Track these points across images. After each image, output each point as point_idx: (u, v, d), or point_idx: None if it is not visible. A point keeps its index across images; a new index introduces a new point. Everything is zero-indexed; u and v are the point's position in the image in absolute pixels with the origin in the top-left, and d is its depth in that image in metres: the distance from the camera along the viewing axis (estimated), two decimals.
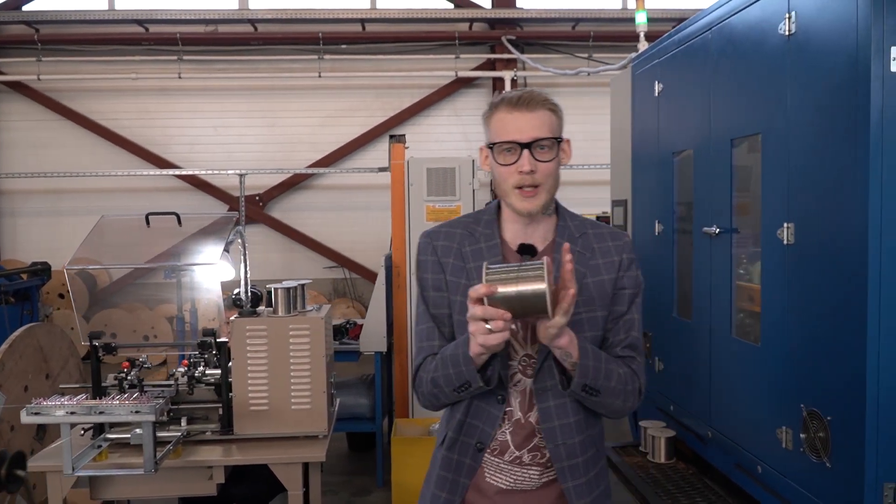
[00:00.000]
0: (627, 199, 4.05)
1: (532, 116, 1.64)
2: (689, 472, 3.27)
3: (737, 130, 2.74)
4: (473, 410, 1.72)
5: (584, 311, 1.70)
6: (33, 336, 4.18)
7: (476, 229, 1.78)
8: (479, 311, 1.46)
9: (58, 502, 2.82)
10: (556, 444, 1.69)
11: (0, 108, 10.08)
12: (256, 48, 9.98)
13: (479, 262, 1.70)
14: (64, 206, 9.99)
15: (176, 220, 3.10)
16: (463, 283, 1.72)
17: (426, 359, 1.76)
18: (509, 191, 1.67)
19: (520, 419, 1.71)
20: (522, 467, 1.73)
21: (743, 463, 2.76)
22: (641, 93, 3.75)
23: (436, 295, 1.77)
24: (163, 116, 10.16)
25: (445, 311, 1.76)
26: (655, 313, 3.66)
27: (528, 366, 1.71)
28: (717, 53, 2.86)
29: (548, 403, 1.69)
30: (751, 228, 2.78)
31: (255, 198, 10.07)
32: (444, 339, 1.76)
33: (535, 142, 1.63)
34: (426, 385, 1.72)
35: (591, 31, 9.76)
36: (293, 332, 2.96)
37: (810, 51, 2.22)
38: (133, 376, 2.91)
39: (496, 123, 1.68)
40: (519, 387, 1.72)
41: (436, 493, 1.77)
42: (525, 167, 1.63)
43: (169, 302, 4.78)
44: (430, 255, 1.78)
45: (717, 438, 2.97)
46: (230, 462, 2.88)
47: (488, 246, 1.74)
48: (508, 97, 1.67)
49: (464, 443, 1.74)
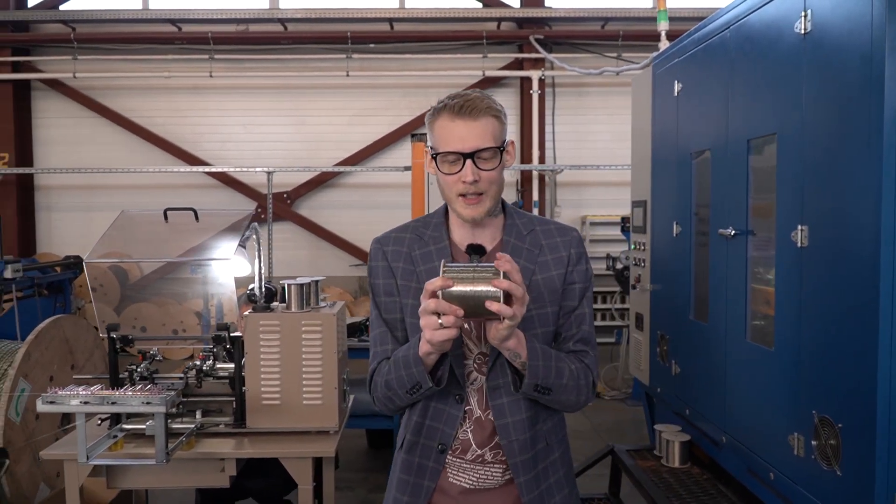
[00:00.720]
0: (647, 200, 4.01)
1: (475, 125, 1.63)
2: (703, 477, 3.23)
3: (753, 130, 2.69)
4: (432, 412, 1.73)
5: (535, 308, 1.70)
6: (59, 328, 4.27)
7: (425, 233, 1.80)
8: (432, 303, 1.47)
9: (74, 489, 2.87)
10: (509, 441, 1.70)
11: (37, 105, 10.32)
12: (286, 47, 10.07)
13: (429, 265, 1.74)
14: (98, 201, 10.18)
15: (193, 216, 3.14)
16: (413, 287, 1.74)
17: (380, 363, 1.77)
18: (453, 198, 1.69)
19: (480, 417, 1.72)
20: (485, 465, 1.73)
21: (756, 469, 2.72)
22: (661, 92, 3.71)
23: (387, 300, 1.79)
24: (194, 114, 10.31)
25: (397, 316, 1.78)
26: (672, 316, 3.62)
27: (483, 363, 1.72)
28: (735, 52, 2.82)
29: (501, 400, 1.70)
30: (768, 231, 2.73)
31: (284, 195, 10.16)
32: (396, 343, 1.78)
33: (477, 152, 1.63)
34: (380, 389, 1.73)
35: (620, 31, 9.67)
36: (305, 327, 2.98)
37: (825, 49, 2.18)
38: (143, 368, 2.95)
39: (439, 130, 1.67)
40: (476, 385, 1.72)
41: (397, 496, 1.77)
42: (468, 177, 1.63)
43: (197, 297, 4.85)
44: (380, 261, 1.80)
45: (731, 443, 2.93)
46: (241, 455, 2.91)
47: (437, 248, 1.76)
48: (451, 104, 1.65)
49: (424, 445, 1.75)
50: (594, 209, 10.13)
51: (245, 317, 2.99)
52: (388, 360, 1.74)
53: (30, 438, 3.91)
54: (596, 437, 6.03)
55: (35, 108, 10.33)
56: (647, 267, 4.05)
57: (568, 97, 10.17)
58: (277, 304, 3.13)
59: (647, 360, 4.01)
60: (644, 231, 4.08)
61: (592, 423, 6.45)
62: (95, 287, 3.57)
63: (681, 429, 3.47)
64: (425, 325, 1.50)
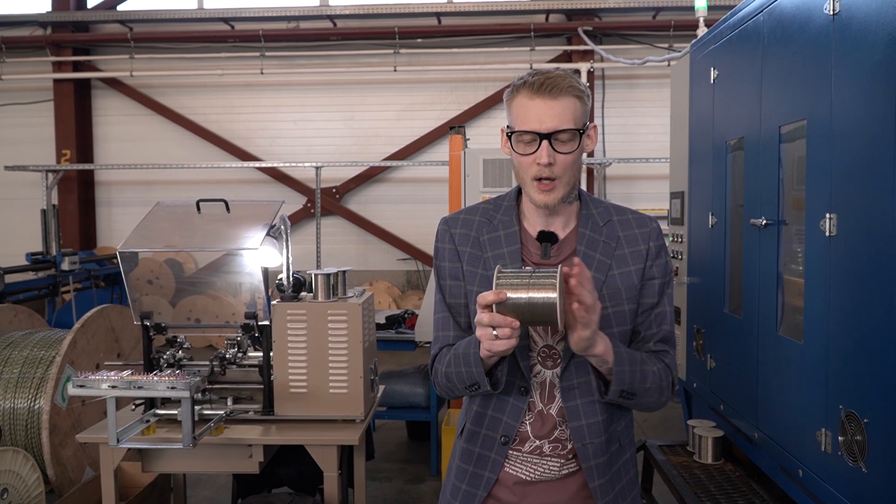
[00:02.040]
0: (684, 191, 3.92)
1: (554, 104, 1.53)
2: (736, 474, 3.14)
3: (784, 117, 2.60)
4: (495, 403, 1.67)
5: (611, 306, 1.63)
6: (105, 317, 4.43)
7: (495, 216, 1.72)
8: (485, 318, 1.40)
9: (109, 471, 2.97)
10: (583, 444, 1.64)
11: (97, 103, 10.70)
12: (335, 43, 10.20)
13: (497, 251, 1.67)
14: (155, 196, 10.48)
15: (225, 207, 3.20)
16: (479, 273, 1.68)
17: (442, 350, 1.72)
18: (527, 181, 1.60)
19: (542, 410, 1.66)
20: (542, 458, 1.67)
21: (786, 466, 2.63)
22: (698, 80, 3.62)
23: (452, 284, 1.73)
24: (247, 111, 10.54)
25: (461, 301, 1.72)
26: (707, 309, 3.54)
27: (547, 357, 1.65)
28: (768, 36, 2.72)
29: (574, 402, 1.63)
30: (801, 221, 2.63)
31: (332, 190, 10.30)
32: (459, 329, 1.73)
33: (555, 133, 1.54)
34: (441, 378, 1.68)
35: (672, 21, 9.46)
36: (332, 317, 3.01)
37: (853, 30, 2.08)
38: (170, 355, 3.03)
39: (517, 109, 1.58)
40: (539, 378, 1.66)
41: (456, 484, 1.73)
42: (543, 159, 1.54)
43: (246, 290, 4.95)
44: (447, 243, 1.74)
45: (763, 440, 2.84)
46: (268, 441, 2.96)
47: (507, 234, 1.68)
48: (531, 81, 1.56)
49: (486, 436, 1.69)
50: (644, 203, 9.94)
51: (273, 306, 3.04)
52: (449, 347, 1.69)
53: (76, 423, 4.07)
54: (640, 434, 5.93)
55: (95, 106, 10.72)
56: (684, 259, 3.96)
57: (618, 90, 10.02)
58: (305, 293, 3.17)
59: (683, 355, 3.93)
60: (681, 223, 4.00)
61: (638, 420, 6.35)
62: (152, 279, 3.68)
63: (715, 424, 3.38)
64: (481, 337, 1.44)
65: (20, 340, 4.45)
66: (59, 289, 7.43)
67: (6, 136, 10.69)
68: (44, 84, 10.49)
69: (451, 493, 1.75)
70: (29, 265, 7.51)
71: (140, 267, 3.19)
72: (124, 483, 3.78)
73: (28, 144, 10.64)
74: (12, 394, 4.16)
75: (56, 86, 10.41)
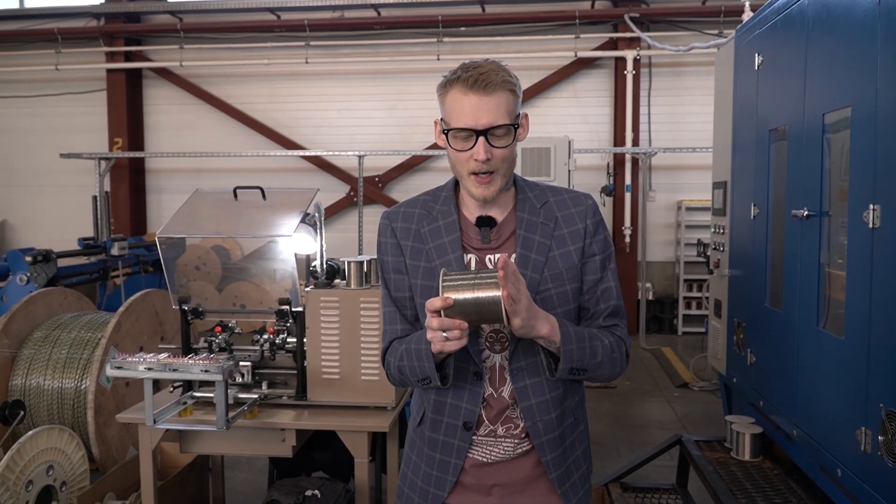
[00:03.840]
0: (727, 181, 3.83)
1: (489, 100, 1.55)
2: (774, 472, 3.06)
3: (828, 104, 2.51)
4: (453, 391, 1.70)
5: (553, 287, 1.66)
6: (149, 301, 4.53)
7: (434, 207, 1.75)
8: (435, 322, 1.45)
9: (147, 450, 3.04)
10: (533, 422, 1.68)
11: (148, 92, 10.93)
12: (379, 32, 10.21)
13: (438, 241, 1.71)
14: (203, 184, 10.64)
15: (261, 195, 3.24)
16: (422, 266, 1.71)
17: (392, 343, 1.77)
18: (465, 175, 1.63)
19: (492, 394, 1.70)
20: (497, 440, 1.71)
21: (825, 465, 2.56)
22: (743, 67, 3.52)
23: (396, 278, 1.76)
24: (292, 100, 10.64)
25: (406, 294, 1.75)
26: (748, 302, 3.45)
27: (495, 341, 1.69)
28: (812, 21, 2.63)
29: (524, 382, 1.67)
30: (844, 213, 2.55)
31: (375, 179, 10.34)
32: (406, 322, 1.77)
33: (490, 129, 1.57)
34: (394, 370, 1.74)
35: (722, 6, 9.21)
36: (364, 304, 3.02)
37: None
38: (221, 340, 3.09)
39: (451, 104, 1.59)
40: (488, 363, 1.69)
41: (427, 471, 1.77)
42: (480, 156, 1.57)
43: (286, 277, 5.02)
44: (389, 238, 1.77)
45: (802, 438, 2.77)
46: (300, 426, 3.00)
47: (446, 223, 1.72)
48: (465, 76, 1.56)
49: (448, 424, 1.72)
50: (691, 194, 9.76)
51: (306, 293, 3.07)
52: (399, 341, 1.74)
53: (120, 404, 4.18)
54: (680, 429, 5.83)
55: (146, 96, 10.95)
56: (726, 251, 3.87)
57: (664, 77, 9.82)
58: (339, 280, 3.20)
59: (724, 349, 3.85)
60: (724, 213, 3.91)
61: (678, 415, 6.25)
62: (199, 266, 3.75)
63: (754, 421, 3.31)
64: (432, 339, 1.49)
65: (69, 322, 4.58)
66: (109, 273, 7.63)
67: (61, 125, 11.00)
68: (97, 74, 10.75)
69: (424, 479, 1.77)
70: (80, 250, 7.74)
71: (188, 253, 3.27)
72: (164, 463, 3.87)
73: (82, 133, 10.93)
74: (60, 374, 4.29)
75: (109, 75, 10.66)
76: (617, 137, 9.82)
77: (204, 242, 3.98)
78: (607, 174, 9.79)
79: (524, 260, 1.66)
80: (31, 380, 4.31)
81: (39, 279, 6.39)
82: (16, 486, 3.21)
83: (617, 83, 9.84)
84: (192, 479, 3.71)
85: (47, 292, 4.80)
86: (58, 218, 11.00)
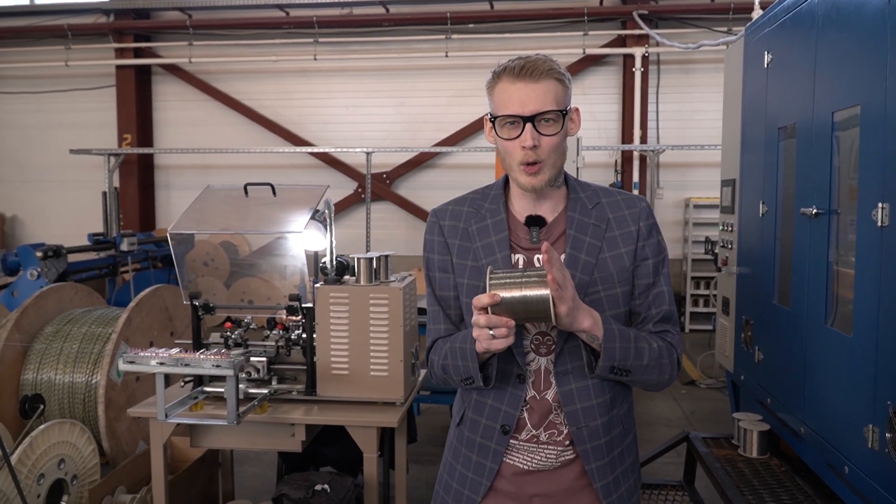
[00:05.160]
0: (735, 179, 3.83)
1: (536, 87, 1.54)
2: (781, 469, 3.07)
3: (838, 102, 2.52)
4: (495, 392, 1.66)
5: (603, 290, 1.62)
6: (159, 296, 4.56)
7: (482, 205, 1.73)
8: (482, 320, 1.44)
9: (158, 445, 3.07)
10: (578, 427, 1.63)
11: (157, 89, 10.98)
12: (387, 29, 10.23)
13: (486, 240, 1.67)
14: (211, 180, 10.69)
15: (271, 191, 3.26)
16: (469, 265, 1.69)
17: (436, 342, 1.75)
18: (514, 166, 1.61)
19: (535, 397, 1.66)
20: (539, 446, 1.66)
21: (832, 462, 2.57)
22: (752, 64, 3.52)
23: (441, 276, 1.74)
24: (300, 97, 10.67)
25: (451, 293, 1.74)
26: (756, 300, 3.46)
27: (541, 344, 1.65)
28: (823, 19, 2.63)
29: (569, 386, 1.63)
30: (853, 211, 2.55)
31: (383, 175, 10.36)
32: (450, 322, 1.75)
33: (538, 115, 1.54)
34: (438, 369, 1.71)
35: (731, 3, 9.19)
36: (373, 300, 3.04)
37: None
38: (237, 335, 3.11)
39: (499, 95, 1.58)
40: (533, 366, 1.65)
41: (462, 472, 1.73)
42: (528, 142, 1.55)
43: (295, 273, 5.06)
44: (436, 236, 1.75)
45: (809, 435, 2.78)
46: (310, 421, 3.02)
47: (494, 222, 1.69)
48: (511, 66, 1.57)
49: (486, 426, 1.68)
50: (699, 191, 9.74)
51: (316, 289, 3.09)
52: (444, 340, 1.72)
53: (130, 398, 4.21)
54: (688, 426, 5.84)
55: (155, 92, 11.00)
56: (734, 248, 3.87)
57: (673, 75, 9.81)
58: (348, 277, 3.21)
59: (731, 347, 3.85)
60: (732, 211, 3.91)
61: (685, 412, 6.26)
62: (207, 261, 3.77)
63: (761, 418, 3.32)
64: (478, 337, 1.47)
65: (80, 317, 4.62)
66: (119, 269, 7.68)
67: (71, 121, 11.06)
68: (106, 70, 10.80)
69: (459, 481, 1.74)
70: (90, 245, 7.79)
71: (196, 249, 3.30)
72: (175, 457, 3.90)
73: (91, 129, 10.99)
74: (71, 368, 4.33)
75: (118, 72, 10.71)
76: (625, 135, 9.82)
77: (213, 238, 3.99)
78: (615, 171, 9.79)
79: (573, 261, 1.62)
80: (42, 374, 4.34)
81: (50, 274, 6.44)
82: (28, 479, 3.25)
83: (625, 80, 9.83)
84: (203, 474, 3.74)
85: (58, 287, 4.84)
86: (67, 214, 11.07)
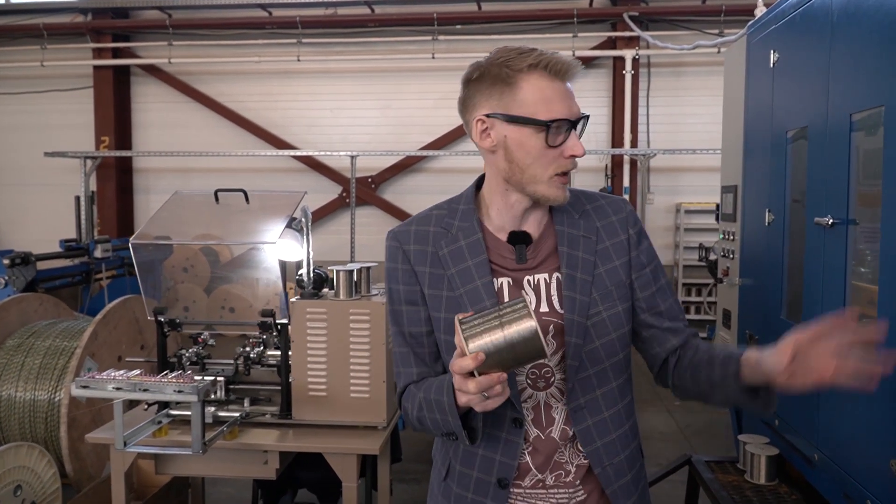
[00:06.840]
0: (738, 185, 3.63)
1: (570, 89, 1.38)
2: (792, 497, 2.87)
3: (857, 104, 2.32)
4: (486, 440, 1.43)
5: (604, 310, 1.42)
6: (129, 308, 4.31)
7: (452, 224, 1.48)
8: (472, 387, 1.17)
9: (120, 474, 2.83)
10: (602, 467, 1.43)
11: (136, 90, 10.70)
12: (372, 30, 10.01)
13: (462, 265, 1.44)
14: (192, 184, 10.47)
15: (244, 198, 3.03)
16: (445, 296, 1.45)
17: (408, 387, 1.50)
18: (542, 178, 1.37)
19: (539, 436, 1.43)
20: (548, 492, 1.45)
21: (851, 493, 2.36)
22: (756, 64, 3.33)
23: (410, 310, 1.48)
24: (284, 99, 10.43)
25: (423, 329, 1.48)
26: (761, 314, 3.26)
27: (538, 378, 1.43)
28: (838, 14, 2.43)
29: (586, 423, 1.43)
30: (874, 221, 2.35)
31: (368, 179, 10.14)
32: (422, 363, 1.49)
33: (581, 119, 1.37)
34: (413, 421, 1.46)
35: (722, 5, 9.05)
36: (353, 316, 2.82)
37: None
38: (192, 353, 2.87)
39: (532, 92, 1.33)
40: (530, 402, 1.44)
41: None
42: (580, 150, 1.35)
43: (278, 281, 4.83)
44: (400, 263, 1.49)
45: (823, 462, 2.57)
46: (283, 448, 2.79)
47: (469, 243, 1.45)
48: (546, 59, 1.33)
49: (479, 479, 1.45)
50: (690, 196, 9.59)
51: (292, 303, 2.86)
52: (416, 386, 1.46)
53: (96, 417, 3.96)
54: (682, 441, 5.65)
55: (134, 93, 10.73)
56: (736, 259, 3.67)
57: (664, 78, 9.65)
58: (327, 290, 2.99)
59: None
60: (734, 219, 3.71)
61: (680, 426, 6.07)
62: (187, 267, 3.54)
63: (768, 441, 3.11)
64: (469, 403, 1.22)
65: (43, 330, 4.36)
66: (92, 276, 7.40)
67: (46, 123, 10.74)
68: (83, 71, 10.51)
69: None
70: (62, 252, 7.50)
71: (175, 255, 3.10)
72: (142, 482, 3.66)
73: (67, 131, 10.68)
74: (33, 385, 4.07)
75: (95, 72, 10.42)
76: (615, 139, 9.65)
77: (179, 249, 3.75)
78: (605, 176, 9.62)
79: (571, 281, 1.42)
80: (2, 391, 4.08)
81: (18, 283, 6.16)
82: None
83: (615, 83, 9.66)
84: (171, 498, 3.49)
85: (21, 298, 4.57)
86: (44, 218, 10.76)
